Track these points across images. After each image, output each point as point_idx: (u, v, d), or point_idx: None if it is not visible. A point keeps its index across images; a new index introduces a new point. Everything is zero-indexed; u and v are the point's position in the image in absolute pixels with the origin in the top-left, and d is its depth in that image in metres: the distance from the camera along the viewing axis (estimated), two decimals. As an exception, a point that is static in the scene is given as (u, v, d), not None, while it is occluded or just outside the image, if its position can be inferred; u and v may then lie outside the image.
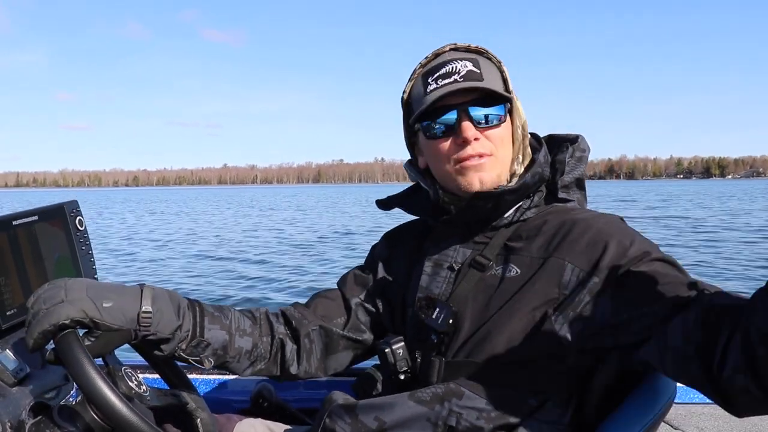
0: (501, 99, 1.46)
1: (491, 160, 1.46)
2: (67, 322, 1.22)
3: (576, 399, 1.40)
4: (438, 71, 1.46)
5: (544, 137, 1.61)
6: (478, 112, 1.44)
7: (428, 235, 1.61)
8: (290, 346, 1.61)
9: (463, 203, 1.47)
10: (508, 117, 1.48)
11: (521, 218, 1.48)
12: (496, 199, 1.43)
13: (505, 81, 1.49)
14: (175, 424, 1.54)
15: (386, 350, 1.49)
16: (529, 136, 1.55)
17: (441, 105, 1.44)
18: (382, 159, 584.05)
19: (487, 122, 1.45)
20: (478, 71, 1.44)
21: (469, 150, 1.44)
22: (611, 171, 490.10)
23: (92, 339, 1.26)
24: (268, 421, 1.76)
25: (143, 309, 1.31)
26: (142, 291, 1.34)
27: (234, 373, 1.58)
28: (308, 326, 1.62)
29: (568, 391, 1.39)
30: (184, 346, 1.41)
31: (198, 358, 1.44)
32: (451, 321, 1.43)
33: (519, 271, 1.41)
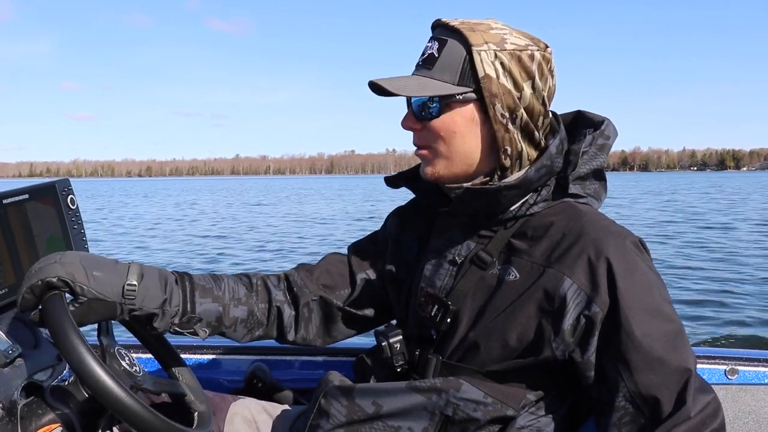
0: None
1: (430, 153, 1.40)
2: (54, 280, 1.24)
3: (573, 393, 1.39)
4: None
5: (572, 114, 1.52)
6: (417, 102, 1.38)
7: (436, 220, 1.56)
8: (288, 313, 1.60)
9: (453, 194, 1.43)
10: (458, 108, 1.35)
11: (527, 213, 1.40)
12: (491, 196, 1.36)
13: (474, 67, 1.32)
14: (169, 406, 1.53)
15: (383, 344, 1.47)
16: (534, 121, 1.38)
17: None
18: (394, 150, 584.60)
19: (423, 112, 1.38)
20: (437, 56, 1.35)
21: (414, 139, 1.43)
22: (625, 163, 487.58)
23: (76, 305, 1.27)
24: (263, 402, 1.75)
25: (128, 282, 1.32)
26: (129, 266, 1.35)
27: (232, 340, 1.58)
28: (308, 296, 1.61)
29: (565, 387, 1.38)
30: (176, 321, 1.41)
31: (192, 330, 1.45)
32: (449, 320, 1.41)
33: (518, 275, 1.35)
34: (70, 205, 1.66)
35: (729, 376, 1.90)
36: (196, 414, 1.48)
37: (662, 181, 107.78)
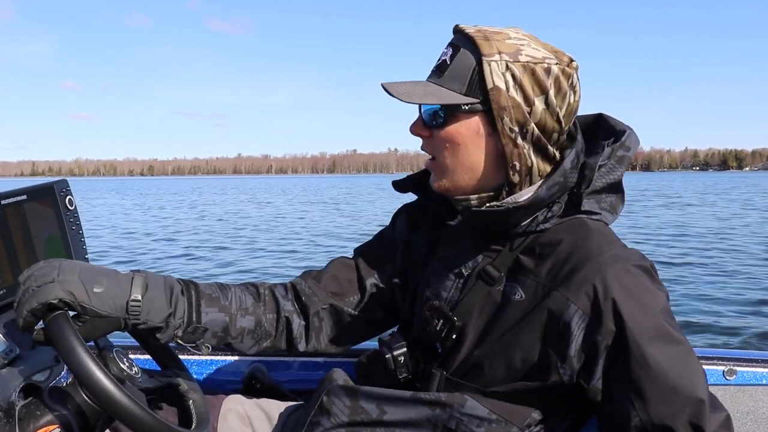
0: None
1: (437, 166, 1.38)
2: (55, 302, 1.21)
3: (578, 410, 1.39)
4: None
5: (592, 116, 1.47)
6: (428, 109, 1.35)
7: (444, 227, 1.51)
8: (297, 323, 1.57)
9: (459, 206, 1.40)
10: (464, 119, 1.31)
11: (537, 229, 1.35)
12: (501, 216, 1.33)
13: (482, 77, 1.27)
14: (167, 407, 1.53)
15: (387, 356, 1.45)
16: (547, 136, 1.32)
17: None
18: (396, 149, 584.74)
19: (433, 121, 1.35)
20: (448, 64, 1.31)
21: (422, 145, 1.40)
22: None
23: (79, 323, 1.24)
24: (257, 399, 1.74)
25: (132, 297, 1.29)
26: (133, 278, 1.32)
27: (239, 352, 1.55)
28: (318, 305, 1.58)
29: (571, 406, 1.37)
30: (180, 333, 1.38)
31: (195, 345, 1.42)
32: (454, 336, 1.38)
33: (524, 296, 1.31)
34: (68, 205, 1.66)
35: (727, 377, 1.90)
36: (194, 415, 1.48)
37: (682, 182, 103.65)
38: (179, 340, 1.39)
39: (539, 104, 1.28)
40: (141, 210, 37.46)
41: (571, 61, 1.31)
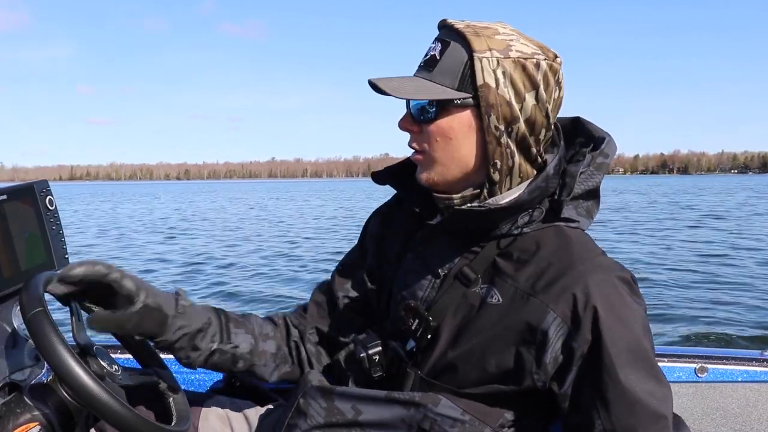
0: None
1: (425, 158, 1.37)
2: (117, 276, 1.34)
3: (550, 412, 1.39)
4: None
5: (569, 120, 1.48)
6: (416, 105, 1.34)
7: (421, 224, 1.50)
8: (302, 349, 1.66)
9: (441, 205, 1.41)
10: (456, 113, 1.31)
11: (516, 233, 1.35)
12: (482, 216, 1.33)
13: (473, 73, 1.27)
14: (148, 404, 1.54)
15: (362, 355, 1.45)
16: (535, 134, 1.33)
17: None
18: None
19: (422, 116, 1.34)
20: (438, 59, 1.31)
21: (409, 140, 1.39)
22: (664, 166, 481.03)
23: (132, 309, 1.36)
24: (238, 400, 1.76)
25: (180, 297, 1.46)
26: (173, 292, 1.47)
27: (262, 378, 1.63)
28: (305, 333, 1.67)
29: (544, 408, 1.37)
30: (214, 347, 1.51)
31: (228, 356, 1.55)
32: (429, 336, 1.38)
33: (501, 299, 1.32)
34: (48, 206, 1.68)
35: (699, 374, 1.94)
36: (174, 412, 1.50)
37: (739, 184, 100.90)
38: (213, 346, 1.52)
39: (530, 100, 1.29)
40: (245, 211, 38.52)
41: (556, 56, 1.32)
